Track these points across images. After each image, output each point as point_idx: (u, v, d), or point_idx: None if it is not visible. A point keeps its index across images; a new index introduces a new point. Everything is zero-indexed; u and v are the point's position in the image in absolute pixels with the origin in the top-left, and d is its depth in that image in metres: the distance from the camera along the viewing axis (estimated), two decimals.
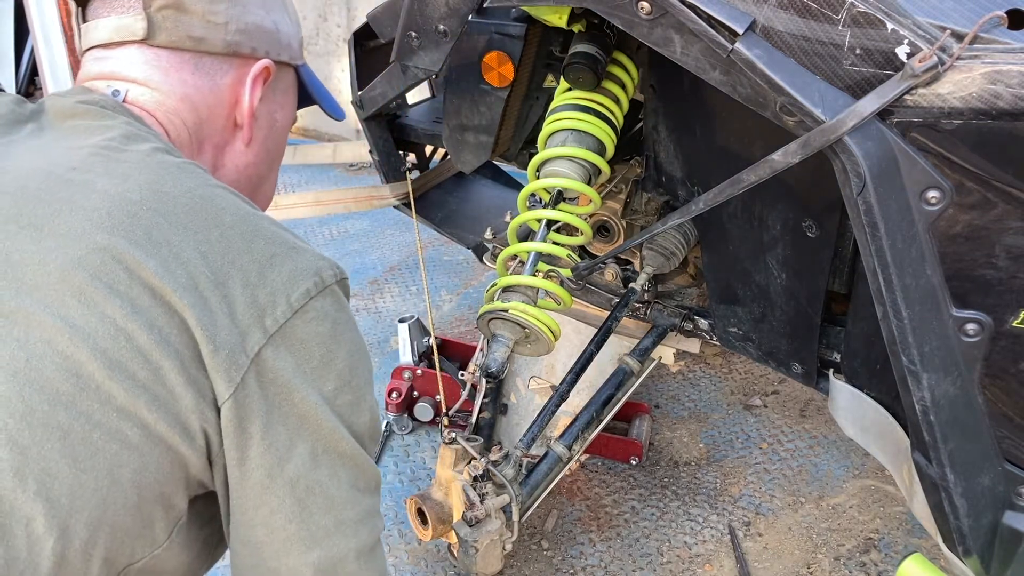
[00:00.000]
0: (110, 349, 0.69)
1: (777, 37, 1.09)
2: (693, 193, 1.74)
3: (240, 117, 0.96)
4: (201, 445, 0.73)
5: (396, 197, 2.52)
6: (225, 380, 0.72)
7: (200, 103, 0.92)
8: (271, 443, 0.74)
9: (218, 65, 0.93)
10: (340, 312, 0.80)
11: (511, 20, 1.74)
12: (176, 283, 0.71)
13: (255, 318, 0.74)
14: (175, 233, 0.74)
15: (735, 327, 1.85)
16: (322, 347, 0.78)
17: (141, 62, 0.90)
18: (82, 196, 0.75)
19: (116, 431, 0.69)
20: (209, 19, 0.90)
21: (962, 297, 1.14)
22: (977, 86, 1.00)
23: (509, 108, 1.87)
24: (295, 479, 0.76)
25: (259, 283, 0.75)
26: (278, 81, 1.00)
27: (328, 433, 0.78)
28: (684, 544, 2.12)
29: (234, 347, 0.72)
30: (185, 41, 0.90)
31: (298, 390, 0.75)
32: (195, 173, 0.82)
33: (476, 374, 1.83)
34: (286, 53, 1.00)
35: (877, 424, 1.49)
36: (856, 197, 1.09)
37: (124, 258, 0.71)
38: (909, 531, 2.15)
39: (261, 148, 1.01)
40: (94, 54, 0.92)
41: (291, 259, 0.78)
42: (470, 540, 1.69)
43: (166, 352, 0.70)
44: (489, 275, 3.46)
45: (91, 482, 0.68)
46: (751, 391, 2.78)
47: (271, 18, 0.97)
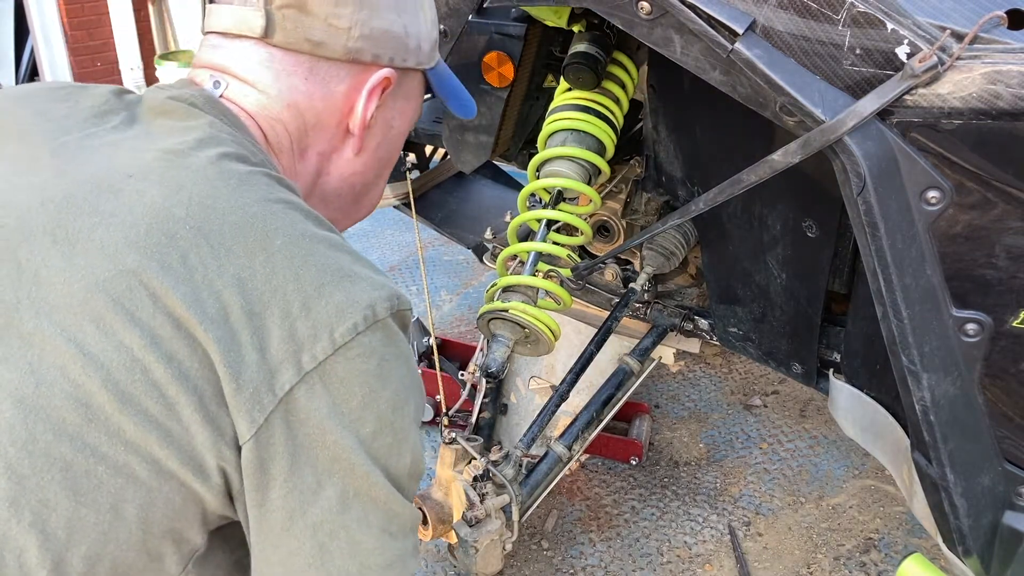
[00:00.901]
0: (123, 381, 0.66)
1: (777, 37, 1.09)
2: (693, 193, 1.74)
3: (353, 126, 0.90)
4: (218, 483, 0.70)
5: (396, 197, 2.52)
6: (247, 420, 0.68)
7: (308, 109, 0.87)
8: (295, 486, 0.70)
9: (335, 71, 0.87)
10: (390, 347, 0.74)
11: (511, 20, 1.74)
12: (204, 315, 0.67)
13: (290, 354, 0.69)
14: (214, 257, 0.69)
15: (735, 327, 1.85)
16: (365, 387, 0.72)
17: (254, 60, 0.85)
18: (126, 209, 0.71)
19: (123, 465, 0.66)
20: (332, 22, 0.84)
21: (962, 297, 1.14)
22: (977, 86, 1.00)
23: (509, 108, 1.87)
24: (318, 524, 0.72)
25: (301, 315, 0.69)
26: (400, 87, 0.93)
27: (361, 477, 0.73)
28: (684, 544, 2.12)
29: (259, 386, 0.68)
30: (303, 44, 0.85)
31: (331, 432, 0.70)
32: (258, 185, 0.76)
33: (476, 374, 1.83)
34: (413, 58, 0.93)
35: (877, 424, 1.49)
36: (856, 197, 1.09)
37: (151, 283, 0.67)
38: (909, 531, 2.15)
39: (372, 157, 0.95)
40: (211, 40, 0.88)
41: (342, 289, 0.72)
42: (470, 540, 1.69)
43: (183, 387, 0.67)
44: (489, 275, 3.46)
45: (91, 516, 0.66)
46: (751, 391, 2.78)
47: (402, 21, 0.90)
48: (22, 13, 5.72)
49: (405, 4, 0.91)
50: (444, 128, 1.99)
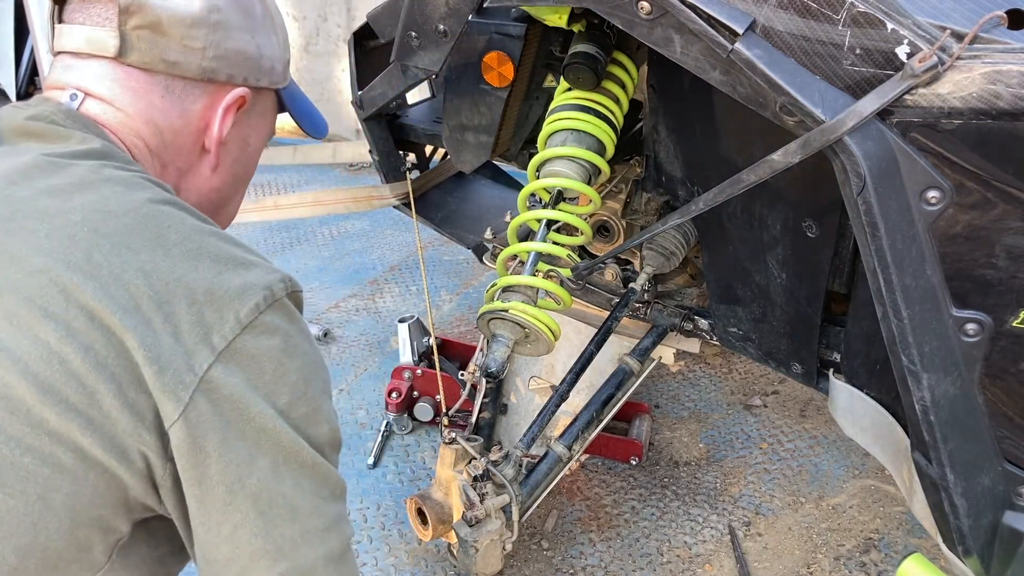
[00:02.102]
0: (42, 373, 0.68)
1: (777, 37, 1.09)
2: (693, 193, 1.74)
3: (209, 143, 0.94)
4: (140, 468, 0.72)
5: (396, 197, 2.52)
6: (172, 401, 0.71)
7: (166, 126, 0.90)
8: (230, 459, 0.74)
9: (190, 90, 0.90)
10: (291, 325, 0.79)
11: (511, 20, 1.74)
12: (115, 305, 0.70)
13: (202, 336, 0.73)
14: (116, 254, 0.72)
15: (735, 327, 1.85)
16: (273, 361, 0.77)
17: (108, 79, 0.87)
18: (21, 216, 0.73)
19: (48, 455, 0.68)
20: (186, 43, 0.87)
21: (962, 297, 1.14)
22: (977, 86, 1.00)
23: (509, 108, 1.87)
24: (257, 493, 0.75)
25: (206, 301, 0.74)
26: (255, 105, 0.97)
27: (287, 445, 0.77)
28: (684, 544, 2.12)
29: (180, 367, 0.71)
30: (158, 64, 0.87)
31: (253, 405, 0.74)
32: (143, 187, 0.80)
33: (476, 374, 1.83)
34: (267, 78, 0.96)
35: (877, 424, 1.49)
36: (856, 197, 1.09)
37: (60, 281, 0.70)
38: (909, 531, 2.15)
39: (228, 172, 0.98)
40: (64, 60, 0.89)
41: (239, 275, 0.77)
42: (470, 540, 1.69)
43: (102, 376, 0.69)
44: (489, 275, 3.46)
45: (20, 507, 0.67)
46: (751, 391, 2.78)
47: (255, 42, 0.93)
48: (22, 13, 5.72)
49: (258, 26, 0.94)
50: (444, 128, 2.00)
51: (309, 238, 3.88)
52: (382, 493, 2.27)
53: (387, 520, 2.18)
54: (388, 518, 2.18)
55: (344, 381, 2.77)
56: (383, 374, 2.78)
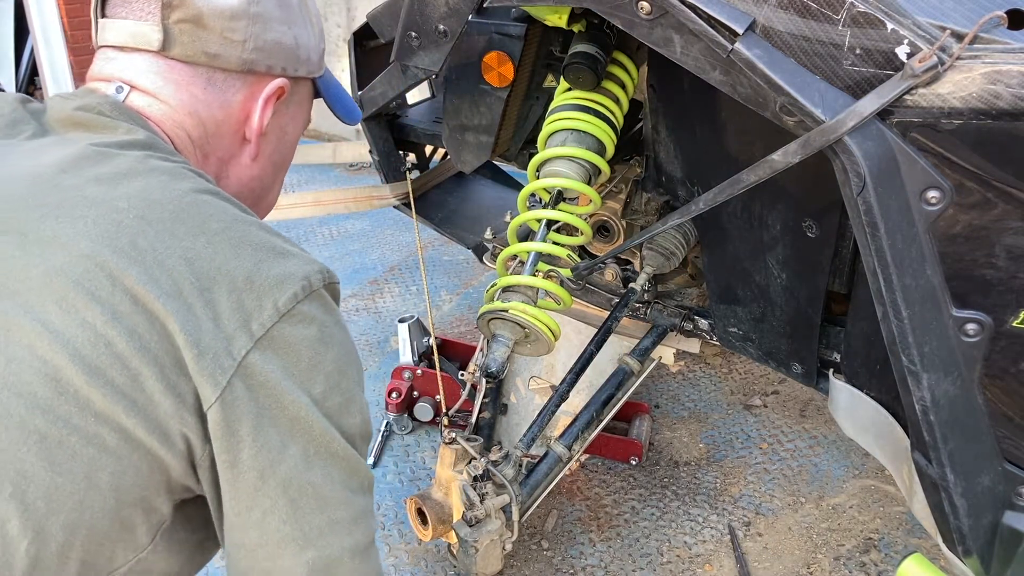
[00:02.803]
0: (89, 355, 0.69)
1: (777, 37, 1.09)
2: (693, 193, 1.74)
3: (249, 133, 0.95)
4: (181, 449, 0.73)
5: (396, 197, 2.52)
6: (211, 384, 0.72)
7: (208, 118, 0.91)
8: (263, 445, 0.75)
9: (231, 81, 0.92)
10: (328, 315, 0.80)
11: (511, 20, 1.74)
12: (159, 290, 0.72)
13: (241, 323, 0.74)
14: (161, 240, 0.74)
15: (735, 327, 1.85)
16: (310, 350, 0.78)
17: (152, 72, 0.89)
18: (69, 203, 0.75)
19: (94, 436, 0.70)
20: (227, 36, 0.89)
21: (962, 297, 1.14)
22: (977, 86, 1.00)
23: (509, 108, 1.87)
24: (288, 480, 0.76)
25: (246, 288, 0.75)
26: (292, 95, 0.99)
27: (319, 435, 0.78)
28: (684, 544, 2.12)
29: (219, 352, 0.73)
30: (200, 56, 0.89)
31: (288, 393, 0.76)
32: (186, 178, 0.82)
33: (476, 374, 1.83)
34: (304, 68, 0.98)
35: (877, 424, 1.49)
36: (856, 197, 1.09)
37: (107, 266, 0.71)
38: (909, 531, 2.15)
39: (268, 161, 1.00)
40: (106, 53, 0.90)
41: (279, 264, 0.78)
42: (470, 540, 1.69)
43: (145, 359, 0.70)
44: (489, 275, 3.46)
45: (68, 485, 0.69)
46: (751, 391, 2.78)
47: (292, 33, 0.95)
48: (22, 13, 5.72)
49: (295, 17, 0.95)
50: (444, 128, 2.00)
51: (309, 238, 3.88)
52: (382, 493, 2.27)
53: (387, 520, 2.18)
54: (388, 518, 2.19)
55: None
56: (383, 374, 2.78)
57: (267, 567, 0.78)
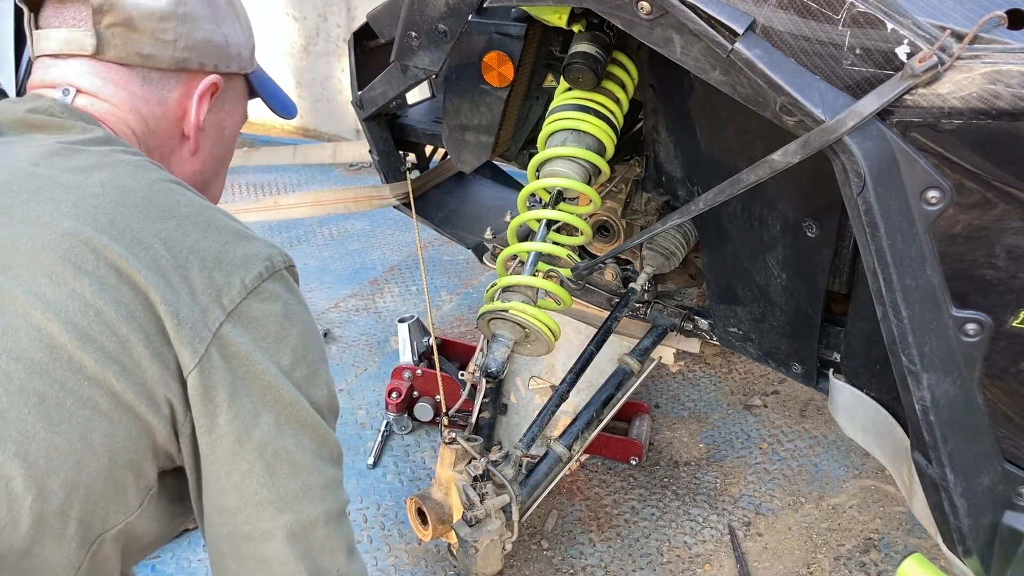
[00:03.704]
0: (80, 323, 0.73)
1: (777, 37, 1.09)
2: (693, 193, 1.74)
3: (187, 129, 0.99)
4: (166, 414, 0.77)
5: (396, 197, 2.52)
6: (190, 351, 0.77)
7: (148, 115, 0.95)
8: (238, 411, 0.79)
9: (166, 80, 0.95)
10: (290, 294, 0.86)
11: (511, 20, 1.74)
12: (140, 263, 0.76)
13: (213, 297, 0.79)
14: (136, 221, 0.79)
15: (735, 327, 1.84)
16: (276, 324, 0.83)
17: (90, 74, 0.92)
18: (48, 188, 0.79)
19: (87, 398, 0.73)
20: (158, 36, 0.92)
21: (962, 297, 1.14)
22: (977, 86, 1.00)
23: (509, 108, 1.87)
24: (263, 445, 0.80)
25: (215, 267, 0.80)
26: (227, 91, 1.03)
27: (289, 403, 0.82)
28: (684, 544, 2.12)
29: (196, 322, 0.77)
30: (133, 57, 0.92)
31: (258, 362, 0.80)
32: (151, 169, 0.87)
33: (476, 374, 1.83)
34: (235, 64, 1.02)
35: (877, 424, 1.49)
36: (856, 197, 1.09)
37: (90, 242, 0.76)
38: (909, 531, 2.15)
39: (208, 156, 1.04)
40: (44, 62, 0.94)
41: (243, 246, 0.83)
42: (470, 540, 1.69)
43: (132, 326, 0.75)
44: (489, 275, 3.46)
45: (65, 445, 0.72)
46: (751, 391, 2.78)
47: (221, 31, 0.99)
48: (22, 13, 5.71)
49: (222, 16, 1.00)
50: (444, 128, 2.00)
51: (309, 238, 3.88)
52: (382, 493, 2.27)
53: (387, 520, 2.18)
54: (388, 518, 2.18)
55: (344, 381, 2.77)
56: (383, 374, 2.78)
57: (247, 531, 0.81)
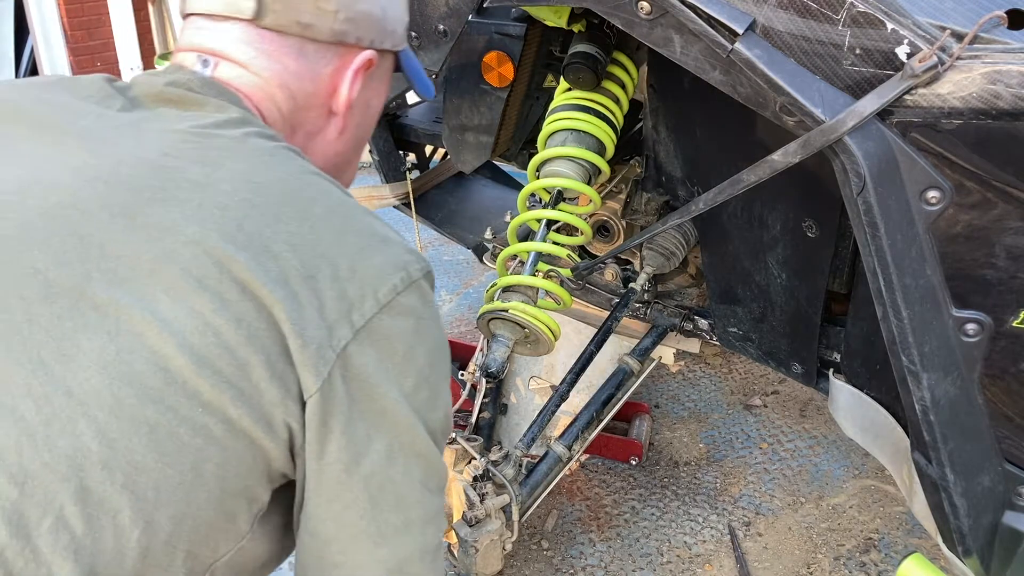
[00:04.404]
0: (197, 344, 0.69)
1: (777, 37, 1.09)
2: (693, 193, 1.74)
3: (336, 106, 0.94)
4: (284, 438, 0.73)
5: (396, 197, 2.52)
6: (313, 374, 0.72)
7: (298, 90, 0.90)
8: (350, 438, 0.74)
9: (321, 53, 0.90)
10: (424, 308, 0.80)
11: (511, 20, 1.74)
12: (267, 277, 0.71)
13: (343, 313, 0.74)
14: (266, 225, 0.73)
15: (735, 327, 1.84)
16: (404, 343, 0.77)
17: (243, 42, 0.87)
18: (173, 186, 0.74)
19: (201, 426, 0.69)
20: (320, 5, 0.87)
21: (962, 297, 1.14)
22: (977, 86, 1.00)
23: (509, 108, 1.87)
24: (370, 475, 0.76)
25: (348, 277, 0.75)
26: (378, 68, 0.97)
27: (405, 430, 0.78)
28: (684, 544, 2.12)
29: (322, 343, 0.72)
30: (292, 26, 0.87)
31: (379, 386, 0.75)
32: (287, 159, 0.81)
33: (476, 374, 1.83)
34: (390, 40, 0.97)
35: (877, 424, 1.49)
36: (856, 197, 1.09)
37: (215, 252, 0.71)
38: (909, 531, 2.15)
39: (351, 136, 0.99)
40: (196, 22, 0.89)
41: (380, 252, 0.78)
42: (470, 540, 1.69)
43: (253, 347, 0.70)
44: (489, 275, 3.46)
45: (176, 476, 0.68)
46: (751, 391, 2.78)
47: (380, 4, 0.93)
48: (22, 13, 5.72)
49: None
50: (444, 128, 2.00)
51: None
52: None
53: None
54: None
55: None
56: None
57: (338, 560, 0.78)
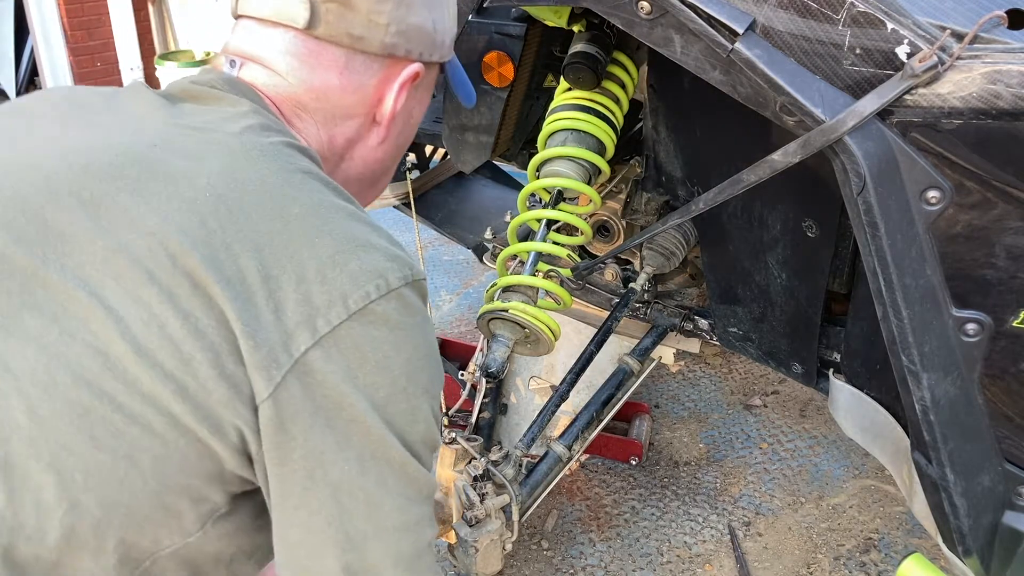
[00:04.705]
0: (141, 335, 0.68)
1: (777, 37, 1.09)
2: (693, 193, 1.74)
3: (380, 116, 0.94)
4: (234, 441, 0.71)
5: (396, 197, 2.52)
6: (264, 379, 0.70)
7: (339, 100, 0.90)
8: (314, 446, 0.72)
9: (368, 64, 0.90)
10: (404, 317, 0.76)
11: (511, 20, 1.74)
12: (220, 275, 0.70)
13: (305, 318, 0.71)
14: (233, 222, 0.72)
15: (735, 327, 1.84)
16: (377, 353, 0.74)
17: (287, 52, 0.88)
18: (149, 176, 0.74)
19: (139, 416, 0.68)
20: (372, 18, 0.87)
21: (962, 297, 1.14)
22: (977, 86, 1.00)
23: (509, 108, 1.87)
24: (338, 484, 0.74)
25: (316, 281, 0.72)
26: (423, 80, 0.97)
27: (377, 440, 0.75)
28: (684, 544, 2.12)
29: (275, 346, 0.70)
30: (343, 37, 0.87)
31: (347, 395, 0.73)
32: (279, 156, 0.80)
33: (476, 374, 1.83)
34: (438, 53, 0.97)
35: (877, 424, 1.49)
36: (856, 197, 1.09)
37: (170, 245, 0.70)
38: (909, 531, 2.15)
39: (392, 144, 0.99)
40: (247, 25, 0.90)
41: (356, 258, 0.75)
42: (470, 540, 1.69)
43: (199, 344, 0.69)
44: (489, 275, 3.46)
45: (108, 462, 0.68)
46: (751, 391, 2.78)
47: (431, 17, 0.94)
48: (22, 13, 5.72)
49: (436, 1, 0.95)
50: (444, 128, 1.99)
51: None
52: None
53: None
54: None
55: None
56: None
57: (306, 564, 0.76)
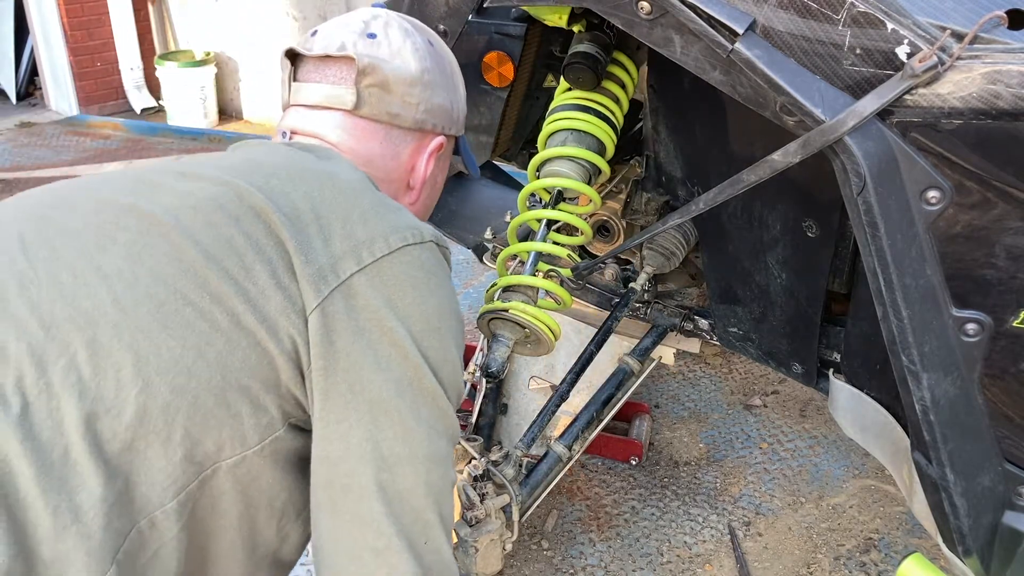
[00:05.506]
0: (210, 246, 0.81)
1: (777, 37, 1.09)
2: (693, 193, 1.74)
3: (414, 182, 1.11)
4: (289, 349, 0.80)
5: None
6: (313, 291, 0.80)
7: (381, 167, 1.05)
8: (355, 360, 0.81)
9: (403, 137, 1.07)
10: (436, 267, 0.89)
11: (511, 20, 1.74)
12: (279, 209, 0.83)
13: (350, 249, 0.84)
14: (291, 181, 0.88)
15: (735, 327, 1.84)
16: (414, 290, 0.85)
17: (340, 127, 1.04)
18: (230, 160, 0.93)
19: (207, 312, 0.79)
20: (406, 99, 1.05)
21: (962, 297, 1.14)
22: (977, 86, 1.00)
23: (509, 108, 1.87)
24: (377, 400, 0.81)
25: (359, 223, 0.86)
26: (445, 150, 1.14)
27: (414, 367, 0.84)
28: (684, 544, 2.12)
29: (324, 266, 0.82)
30: (383, 115, 1.04)
31: (388, 320, 0.83)
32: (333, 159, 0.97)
33: (476, 374, 1.83)
34: (455, 127, 1.15)
35: (877, 424, 1.49)
36: (856, 197, 1.09)
37: (238, 188, 0.86)
38: (909, 531, 2.15)
39: (422, 205, 1.15)
40: (299, 111, 1.06)
41: (396, 214, 0.89)
42: (470, 540, 1.69)
43: (259, 256, 0.81)
44: (489, 275, 3.46)
45: (177, 348, 0.77)
46: (751, 391, 2.78)
47: (450, 98, 1.12)
48: (22, 13, 5.72)
49: (453, 84, 1.14)
50: None
51: None
52: None
53: None
54: None
55: None
56: None
57: (346, 483, 0.82)
